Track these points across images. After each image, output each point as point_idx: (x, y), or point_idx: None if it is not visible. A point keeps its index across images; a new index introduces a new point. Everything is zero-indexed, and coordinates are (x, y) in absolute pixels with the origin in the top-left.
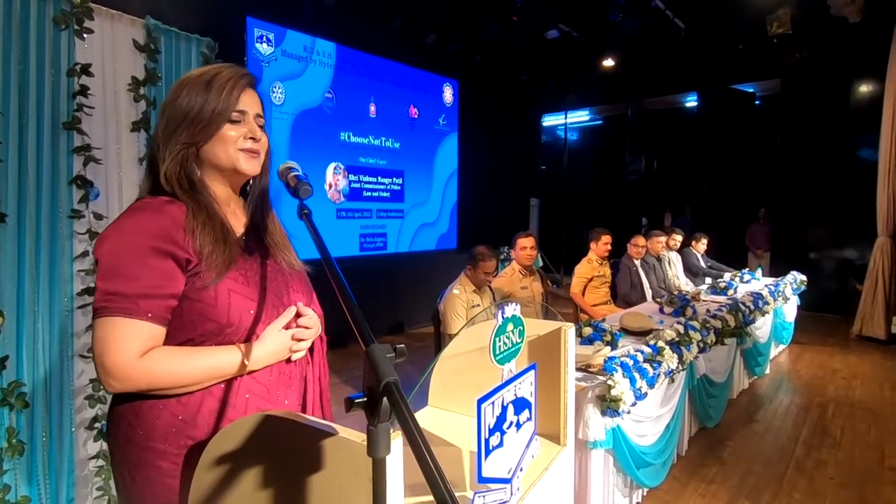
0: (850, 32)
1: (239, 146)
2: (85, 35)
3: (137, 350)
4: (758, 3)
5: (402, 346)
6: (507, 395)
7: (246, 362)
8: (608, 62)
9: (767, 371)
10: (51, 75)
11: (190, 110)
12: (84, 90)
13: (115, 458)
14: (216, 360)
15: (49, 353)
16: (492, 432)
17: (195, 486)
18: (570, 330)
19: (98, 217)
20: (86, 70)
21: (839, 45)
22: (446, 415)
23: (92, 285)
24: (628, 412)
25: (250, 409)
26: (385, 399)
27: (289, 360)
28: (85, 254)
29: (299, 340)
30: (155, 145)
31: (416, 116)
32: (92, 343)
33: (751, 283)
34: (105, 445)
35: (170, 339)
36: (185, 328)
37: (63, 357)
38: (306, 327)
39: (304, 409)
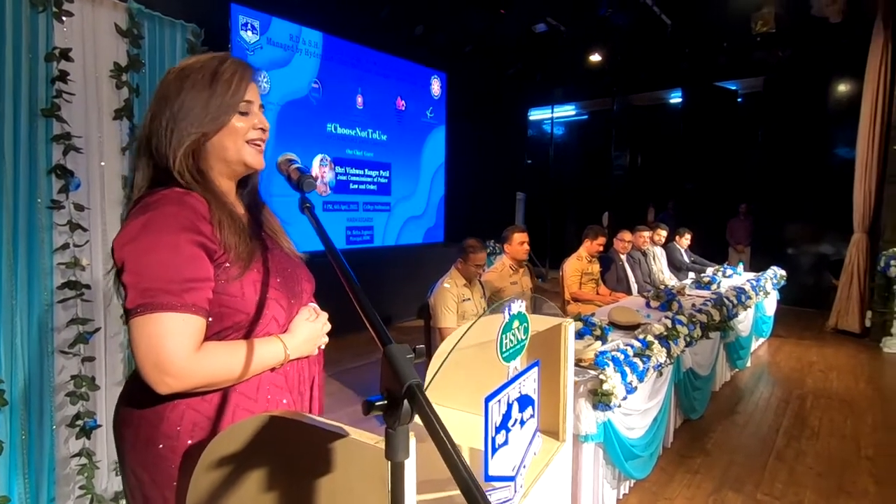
0: (830, 32)
1: (247, 138)
2: (64, 18)
3: (193, 345)
4: (743, 1)
5: (422, 346)
6: (513, 392)
7: (288, 353)
8: (595, 57)
9: (748, 364)
10: (28, 60)
11: (196, 104)
12: (63, 76)
13: (130, 461)
14: (263, 352)
15: (28, 349)
16: (498, 430)
17: (192, 489)
18: (570, 326)
19: (79, 208)
20: (65, 55)
21: (820, 45)
22: (444, 411)
23: (73, 279)
24: (619, 406)
25: (272, 404)
26: (406, 401)
27: None
28: (65, 246)
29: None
30: (153, 140)
31: (403, 109)
32: (133, 344)
33: (733, 277)
34: (88, 443)
35: None
36: (213, 322)
37: (43, 353)
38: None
39: (311, 404)
